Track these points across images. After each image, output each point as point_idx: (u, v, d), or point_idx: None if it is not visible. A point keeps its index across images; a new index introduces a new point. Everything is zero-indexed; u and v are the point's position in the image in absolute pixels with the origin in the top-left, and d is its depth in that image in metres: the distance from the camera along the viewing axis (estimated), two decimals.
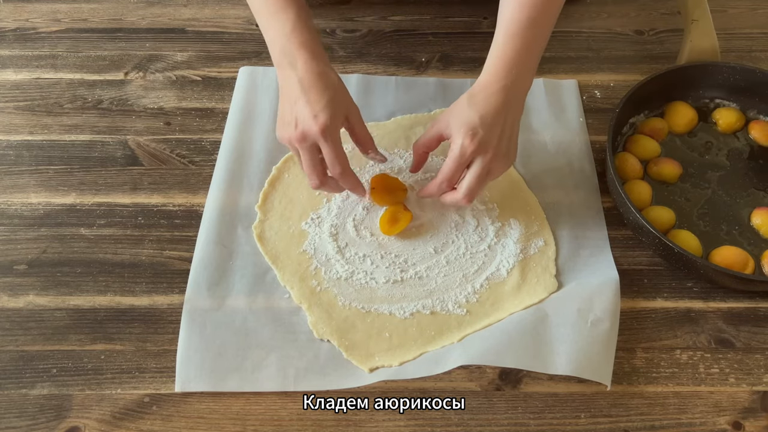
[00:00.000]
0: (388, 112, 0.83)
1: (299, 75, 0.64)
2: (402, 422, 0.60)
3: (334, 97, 0.64)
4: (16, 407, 0.60)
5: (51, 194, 0.75)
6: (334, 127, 0.63)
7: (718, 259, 0.68)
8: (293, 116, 0.64)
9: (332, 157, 0.64)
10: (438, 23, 0.95)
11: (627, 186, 0.73)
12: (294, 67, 0.64)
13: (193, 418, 0.60)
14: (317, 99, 0.63)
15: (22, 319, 0.65)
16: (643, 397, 0.62)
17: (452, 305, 0.66)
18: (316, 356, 0.63)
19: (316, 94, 0.63)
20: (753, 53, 0.90)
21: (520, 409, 0.61)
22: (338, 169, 0.65)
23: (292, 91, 0.64)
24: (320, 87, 0.63)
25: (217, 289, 0.66)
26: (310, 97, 0.63)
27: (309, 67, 0.64)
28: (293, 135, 0.63)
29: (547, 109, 0.83)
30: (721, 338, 0.66)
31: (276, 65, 0.68)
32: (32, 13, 0.94)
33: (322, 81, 0.64)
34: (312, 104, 0.63)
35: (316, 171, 0.65)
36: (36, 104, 0.83)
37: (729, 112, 0.80)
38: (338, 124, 0.64)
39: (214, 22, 0.94)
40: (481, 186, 0.65)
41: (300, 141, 0.63)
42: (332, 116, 0.63)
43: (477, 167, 0.64)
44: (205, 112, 0.83)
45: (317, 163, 0.65)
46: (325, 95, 0.63)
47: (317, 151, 0.65)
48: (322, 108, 0.62)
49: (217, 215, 0.72)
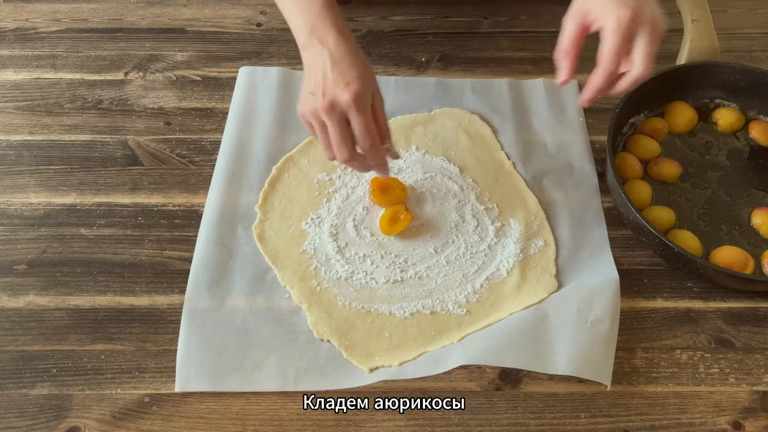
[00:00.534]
0: (388, 112, 0.82)
1: (330, 50, 0.62)
2: (402, 422, 0.60)
3: (365, 72, 0.62)
4: (16, 407, 0.60)
5: (51, 194, 0.75)
6: (366, 98, 0.61)
7: (718, 259, 0.68)
8: (320, 87, 0.61)
9: (363, 129, 0.62)
10: (438, 23, 0.95)
11: (627, 186, 0.73)
12: (324, 44, 0.63)
13: (193, 418, 0.60)
14: (349, 70, 0.61)
15: (22, 319, 0.65)
16: (643, 397, 0.62)
17: (452, 305, 0.66)
18: (316, 356, 0.63)
19: (348, 66, 0.61)
20: (753, 53, 0.90)
21: (520, 409, 0.61)
22: (369, 142, 0.62)
23: (320, 65, 0.62)
24: (352, 61, 0.62)
25: (217, 289, 0.66)
26: (341, 68, 0.61)
27: (340, 44, 0.63)
28: (320, 105, 0.61)
29: (547, 109, 0.83)
30: (721, 338, 0.66)
31: (302, 47, 0.65)
32: (32, 13, 0.94)
33: (354, 56, 0.62)
34: (344, 74, 0.61)
35: (346, 143, 0.62)
36: (36, 104, 0.83)
37: (729, 112, 0.80)
38: (369, 98, 0.62)
39: (214, 22, 0.94)
40: (656, 49, 0.60)
41: (328, 110, 0.61)
42: (364, 87, 0.61)
43: (646, 30, 0.59)
44: (205, 112, 0.83)
45: (347, 136, 0.62)
46: (356, 68, 0.61)
47: (346, 124, 0.62)
48: (355, 78, 0.60)
49: (217, 215, 0.72)
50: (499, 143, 0.80)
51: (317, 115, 0.62)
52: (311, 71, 0.63)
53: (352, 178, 0.75)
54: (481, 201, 0.74)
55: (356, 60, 0.62)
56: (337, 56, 0.62)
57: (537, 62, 0.89)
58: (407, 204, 0.73)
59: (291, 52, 0.90)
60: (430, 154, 0.78)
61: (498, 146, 0.79)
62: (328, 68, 0.61)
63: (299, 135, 0.79)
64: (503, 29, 0.94)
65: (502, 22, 0.95)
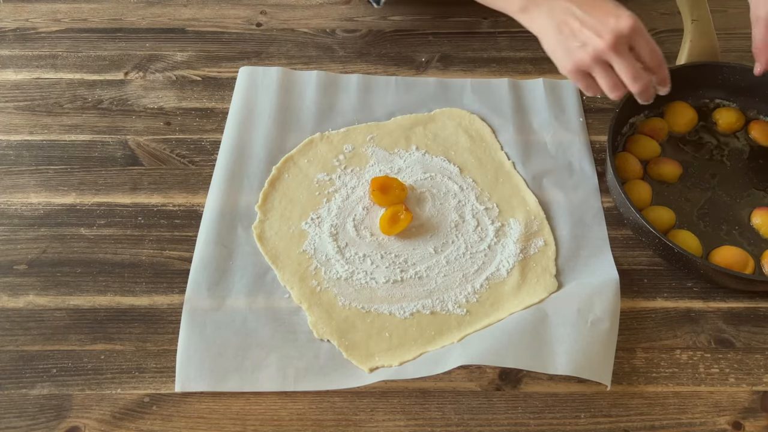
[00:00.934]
0: (388, 112, 0.83)
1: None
2: (402, 422, 0.60)
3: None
4: (16, 407, 0.60)
5: (51, 194, 0.75)
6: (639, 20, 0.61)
7: (718, 259, 0.68)
8: (586, 33, 0.60)
9: (652, 47, 0.61)
10: (438, 23, 0.95)
11: (627, 186, 0.73)
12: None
13: (193, 418, 0.60)
14: (604, 3, 0.60)
15: (22, 319, 0.65)
16: (643, 397, 0.62)
17: (452, 305, 0.66)
18: (316, 356, 0.63)
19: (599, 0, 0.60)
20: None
21: (520, 409, 0.61)
22: (658, 59, 0.62)
23: (563, 15, 0.61)
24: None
25: (217, 289, 0.66)
26: (595, 3, 0.60)
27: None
28: (603, 46, 0.60)
29: (547, 109, 0.83)
30: (721, 338, 0.66)
31: (523, 9, 0.64)
32: (32, 13, 0.94)
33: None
34: (602, 9, 0.60)
35: (640, 73, 0.62)
36: (36, 104, 0.83)
37: (729, 112, 0.80)
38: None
39: (214, 22, 0.94)
40: None
41: (615, 47, 0.60)
42: (629, 11, 0.60)
43: None
44: (205, 112, 0.83)
45: (637, 65, 0.62)
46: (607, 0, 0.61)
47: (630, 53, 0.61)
48: (616, 5, 0.59)
49: (217, 215, 0.72)
50: (499, 143, 0.80)
51: (600, 58, 0.61)
52: (552, 29, 0.62)
53: (352, 178, 0.75)
54: (481, 201, 0.74)
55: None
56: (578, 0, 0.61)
57: (537, 62, 0.89)
58: (407, 204, 0.73)
59: (291, 52, 0.90)
60: (430, 154, 0.78)
61: (498, 146, 0.79)
62: (580, 13, 0.60)
63: (299, 135, 0.79)
64: (503, 29, 0.94)
65: (501, 22, 0.95)
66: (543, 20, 0.63)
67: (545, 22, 0.63)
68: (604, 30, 0.60)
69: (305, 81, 0.85)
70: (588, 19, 0.60)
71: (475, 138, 0.80)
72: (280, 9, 0.96)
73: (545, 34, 0.63)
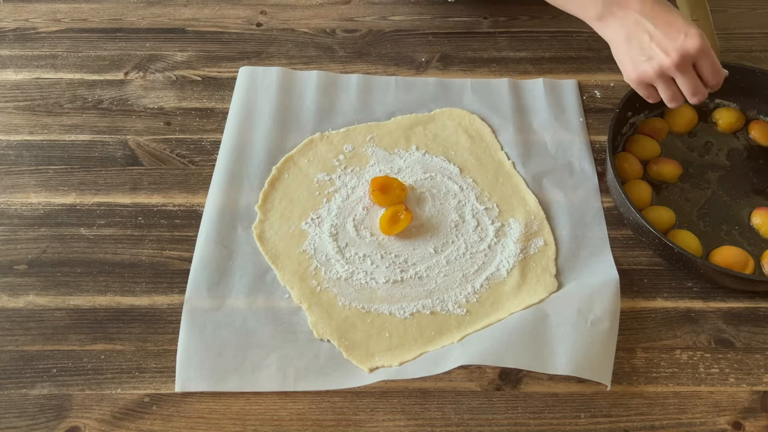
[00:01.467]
0: (388, 112, 0.83)
1: (638, 10, 0.62)
2: (402, 422, 0.60)
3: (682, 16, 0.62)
4: (16, 407, 0.60)
5: (51, 194, 0.75)
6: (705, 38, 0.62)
7: (718, 259, 0.68)
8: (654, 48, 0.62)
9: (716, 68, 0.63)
10: (438, 23, 0.95)
11: (627, 186, 0.73)
12: (628, 7, 0.63)
13: (193, 418, 0.60)
14: (674, 21, 0.61)
15: (22, 319, 0.65)
16: (643, 397, 0.62)
17: (452, 305, 0.66)
18: (316, 356, 0.63)
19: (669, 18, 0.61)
20: (753, 53, 0.90)
21: (520, 409, 0.61)
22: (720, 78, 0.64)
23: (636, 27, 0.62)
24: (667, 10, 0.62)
25: (217, 289, 0.66)
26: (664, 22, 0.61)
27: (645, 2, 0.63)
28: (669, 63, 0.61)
29: (547, 109, 0.83)
30: (721, 338, 0.66)
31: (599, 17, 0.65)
32: (32, 13, 0.94)
33: (663, 5, 0.62)
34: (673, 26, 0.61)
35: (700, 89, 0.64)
36: (36, 104, 0.83)
37: (729, 112, 0.80)
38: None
39: (214, 22, 0.94)
40: None
41: (680, 65, 0.62)
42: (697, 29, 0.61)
43: None
44: (205, 112, 0.83)
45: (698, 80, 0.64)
46: (678, 16, 0.62)
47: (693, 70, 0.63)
48: (684, 24, 0.61)
49: (217, 215, 0.72)
50: (499, 143, 0.80)
51: (664, 74, 0.63)
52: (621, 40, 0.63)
53: (352, 178, 0.75)
54: (481, 201, 0.74)
55: (668, 8, 0.62)
56: (651, 14, 0.62)
57: (537, 62, 0.89)
58: (407, 204, 0.73)
59: (291, 52, 0.90)
60: (430, 154, 0.78)
61: (498, 146, 0.79)
62: (651, 27, 0.62)
63: (299, 135, 0.79)
64: (503, 29, 0.94)
65: (502, 22, 0.95)
66: (615, 29, 0.64)
67: (618, 32, 0.64)
68: (671, 47, 0.61)
69: (305, 81, 0.85)
70: (657, 33, 0.61)
71: (475, 138, 0.80)
72: (280, 9, 0.96)
73: (615, 43, 0.65)
